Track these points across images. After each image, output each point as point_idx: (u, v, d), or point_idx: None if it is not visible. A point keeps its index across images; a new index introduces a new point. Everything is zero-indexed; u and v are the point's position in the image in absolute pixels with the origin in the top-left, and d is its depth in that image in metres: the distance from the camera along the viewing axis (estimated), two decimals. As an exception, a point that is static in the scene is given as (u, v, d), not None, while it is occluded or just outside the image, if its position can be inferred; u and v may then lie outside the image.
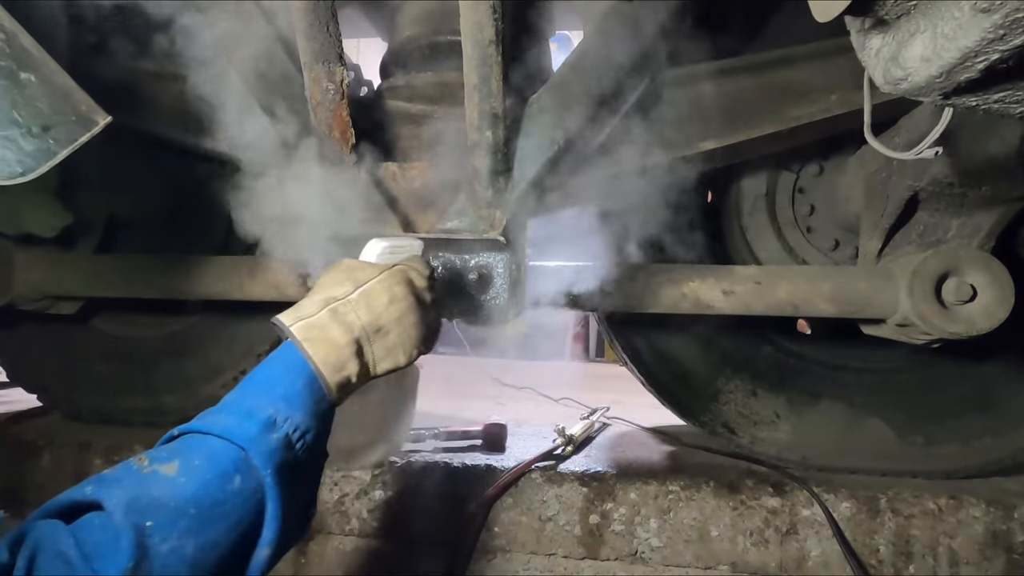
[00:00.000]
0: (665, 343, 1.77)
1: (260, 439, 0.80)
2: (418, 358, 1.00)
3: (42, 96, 0.92)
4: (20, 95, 0.91)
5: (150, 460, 0.77)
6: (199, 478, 0.75)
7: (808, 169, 1.72)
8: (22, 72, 0.91)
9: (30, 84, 0.91)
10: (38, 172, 0.92)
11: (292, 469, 0.82)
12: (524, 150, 1.24)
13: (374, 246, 1.02)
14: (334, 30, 1.10)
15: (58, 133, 0.92)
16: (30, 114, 0.91)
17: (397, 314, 0.94)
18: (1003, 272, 1.29)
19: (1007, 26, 0.54)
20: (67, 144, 0.93)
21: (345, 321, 0.90)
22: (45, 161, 0.92)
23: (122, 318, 2.10)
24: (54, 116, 0.92)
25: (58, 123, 0.93)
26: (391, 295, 0.93)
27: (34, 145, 0.91)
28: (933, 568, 1.41)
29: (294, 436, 0.83)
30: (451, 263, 1.32)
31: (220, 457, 0.78)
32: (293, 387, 0.85)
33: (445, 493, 1.53)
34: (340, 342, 0.89)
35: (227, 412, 0.83)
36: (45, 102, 0.92)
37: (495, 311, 1.33)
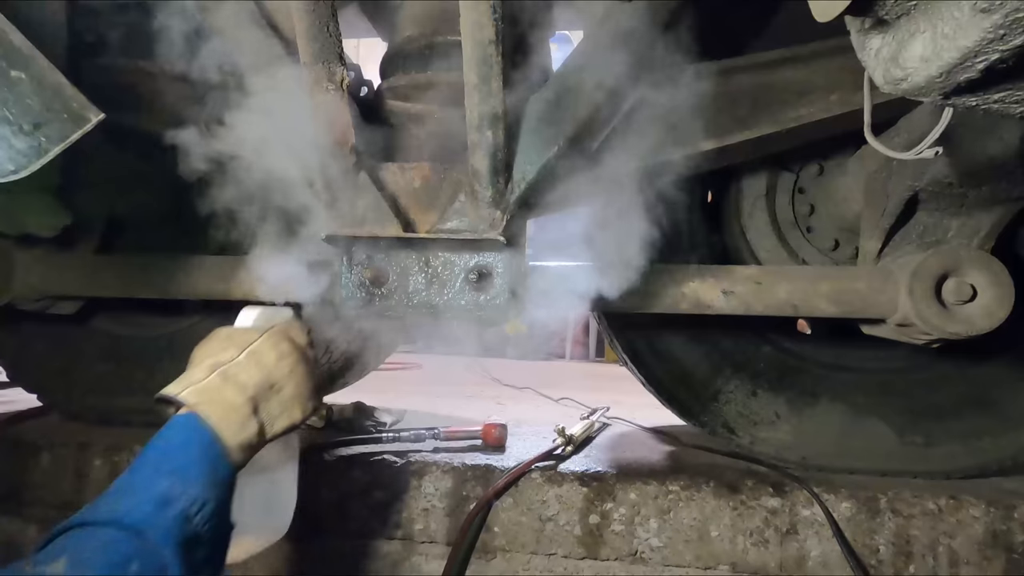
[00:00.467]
0: (665, 343, 1.77)
1: (156, 517, 0.76)
2: (313, 414, 0.97)
3: (33, 94, 0.92)
4: (10, 93, 0.90)
5: (34, 563, 0.71)
6: (91, 571, 0.70)
7: (808, 169, 1.72)
8: (12, 70, 0.90)
9: (20, 82, 0.91)
10: (30, 170, 0.91)
11: (194, 544, 0.78)
12: (524, 150, 1.24)
13: (248, 313, 1.05)
14: (334, 30, 1.10)
15: (49, 131, 0.92)
16: (21, 112, 0.90)
17: (288, 368, 0.94)
18: (1003, 272, 1.29)
19: (1007, 26, 0.54)
20: (59, 142, 0.92)
21: (238, 381, 0.89)
22: (37, 159, 0.91)
23: (122, 318, 2.10)
24: (45, 114, 0.92)
25: (49, 121, 0.92)
26: (279, 352, 0.94)
27: (25, 143, 0.90)
28: (933, 568, 1.41)
29: (192, 510, 0.79)
30: (451, 263, 1.32)
31: (112, 545, 0.73)
32: (188, 456, 0.82)
33: (445, 493, 1.53)
34: (236, 402, 0.87)
35: (117, 496, 0.79)
36: (36, 100, 0.92)
37: (495, 311, 1.33)
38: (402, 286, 1.34)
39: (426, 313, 1.34)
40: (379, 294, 1.33)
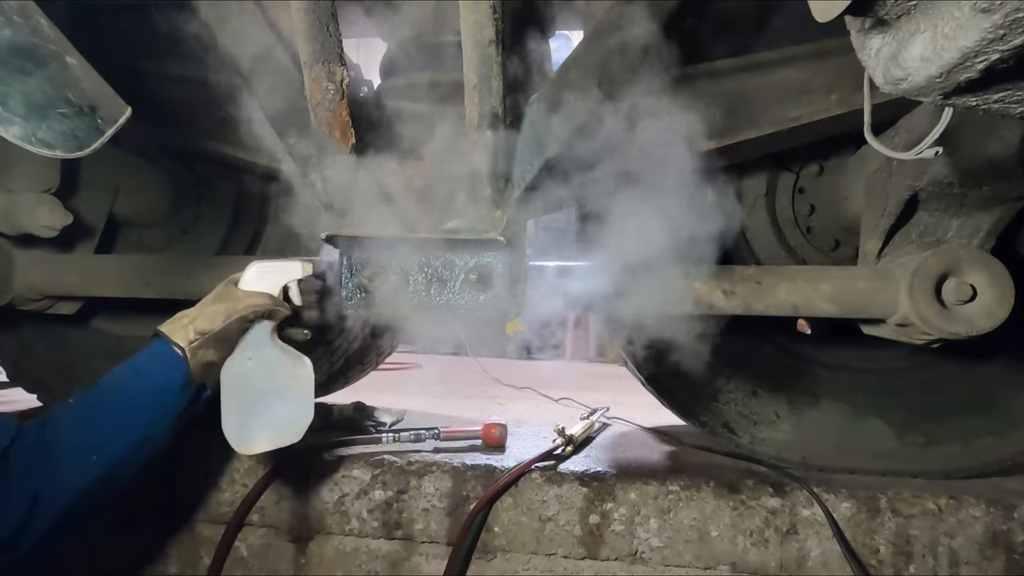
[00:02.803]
0: (665, 343, 1.77)
1: None
2: None
3: (85, 79, 1.00)
4: (70, 77, 0.98)
5: None
6: None
7: (808, 169, 1.72)
8: (67, 57, 0.98)
9: (75, 68, 0.99)
10: (93, 147, 0.99)
11: None
12: (524, 150, 1.24)
13: (250, 268, 1.28)
14: (334, 30, 1.10)
15: (103, 113, 1.00)
16: (79, 95, 0.98)
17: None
18: (1003, 272, 1.29)
19: (1007, 26, 0.54)
20: (112, 123, 1.01)
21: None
22: (97, 137, 0.99)
23: (122, 318, 2.11)
24: (97, 98, 1.00)
25: (101, 104, 1.01)
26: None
27: (86, 123, 0.98)
28: (933, 568, 1.41)
29: None
30: (451, 263, 1.32)
31: None
32: None
33: (445, 493, 1.53)
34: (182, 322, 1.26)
35: None
36: (88, 85, 1.00)
37: (495, 311, 1.33)
38: (402, 286, 1.34)
39: (426, 313, 1.34)
40: (379, 294, 1.33)
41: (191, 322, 1.21)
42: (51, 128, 0.94)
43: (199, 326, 1.21)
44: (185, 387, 1.19)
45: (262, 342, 1.26)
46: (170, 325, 1.22)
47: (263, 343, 1.26)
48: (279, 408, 1.26)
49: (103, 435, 1.13)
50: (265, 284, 1.27)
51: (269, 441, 1.27)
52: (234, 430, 1.25)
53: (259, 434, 1.26)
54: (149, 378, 1.18)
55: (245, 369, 1.25)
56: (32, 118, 0.93)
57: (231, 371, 1.25)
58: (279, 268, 1.29)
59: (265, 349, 1.26)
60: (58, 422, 1.13)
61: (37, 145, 0.93)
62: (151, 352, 1.20)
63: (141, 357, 1.20)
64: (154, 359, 1.19)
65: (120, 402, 1.17)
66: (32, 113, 0.93)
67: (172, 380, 1.18)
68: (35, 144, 0.93)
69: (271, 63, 1.31)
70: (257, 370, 1.25)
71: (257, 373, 1.25)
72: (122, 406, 1.16)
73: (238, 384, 1.25)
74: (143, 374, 1.19)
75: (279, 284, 1.28)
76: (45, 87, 0.94)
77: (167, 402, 1.18)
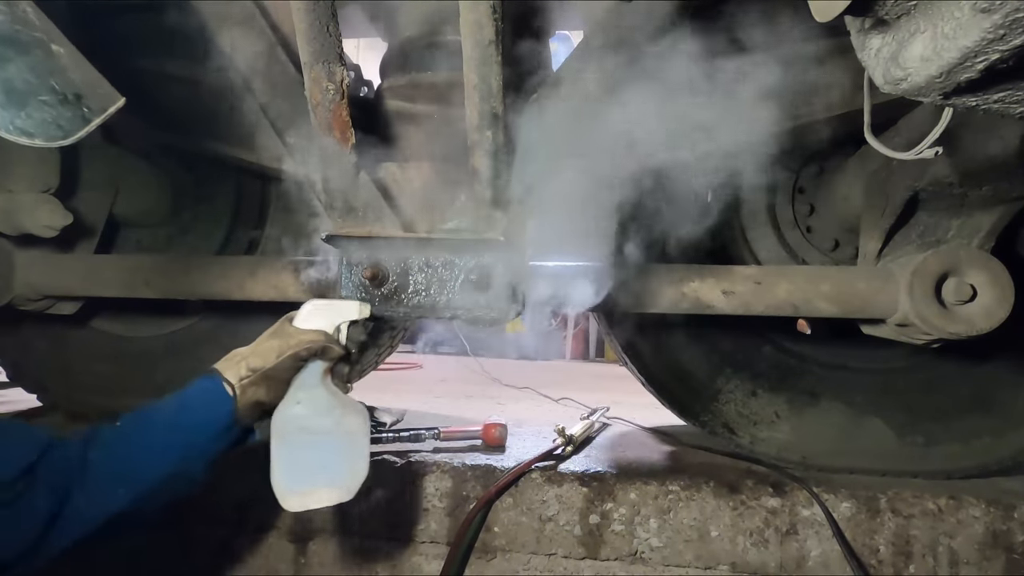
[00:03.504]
0: (665, 343, 1.77)
1: None
2: None
3: (72, 68, 0.97)
4: (55, 65, 0.95)
5: None
6: None
7: (808, 169, 1.72)
8: (53, 44, 0.96)
9: (61, 56, 0.96)
10: (77, 136, 0.95)
11: None
12: (524, 150, 1.24)
13: (306, 307, 1.22)
14: (334, 30, 1.10)
15: (90, 102, 0.97)
16: (64, 83, 0.95)
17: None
18: (1003, 272, 1.29)
19: (1007, 26, 0.54)
20: (99, 113, 0.97)
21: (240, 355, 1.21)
22: (82, 127, 0.96)
23: (122, 318, 2.11)
24: (84, 87, 0.97)
25: (88, 93, 0.97)
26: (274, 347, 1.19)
27: (71, 112, 0.95)
28: (933, 568, 1.41)
29: None
30: (452, 263, 1.32)
31: None
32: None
33: (445, 493, 1.53)
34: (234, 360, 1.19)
35: None
36: (75, 73, 0.97)
37: (495, 311, 1.33)
38: (402, 286, 1.34)
39: (426, 313, 1.34)
40: (379, 294, 1.33)
41: (243, 359, 1.16)
42: (31, 116, 0.91)
43: (251, 363, 1.15)
44: (231, 427, 1.13)
45: (314, 383, 1.18)
46: (224, 362, 1.17)
47: (314, 384, 1.18)
48: (331, 460, 1.16)
49: (137, 465, 1.08)
50: (320, 322, 1.21)
51: (318, 498, 1.15)
52: (282, 482, 1.14)
53: (309, 488, 1.15)
54: (194, 412, 1.12)
55: (294, 412, 1.16)
56: (11, 106, 0.90)
57: (280, 415, 1.16)
58: (335, 307, 1.23)
59: (316, 391, 1.18)
60: (106, 443, 1.08)
61: (15, 133, 0.90)
62: (200, 387, 1.14)
63: (190, 391, 1.14)
64: (202, 394, 1.13)
65: (160, 434, 1.11)
66: (11, 101, 0.90)
67: (218, 418, 1.12)
68: (13, 132, 0.90)
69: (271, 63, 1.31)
70: (307, 414, 1.16)
71: (307, 417, 1.16)
72: (161, 438, 1.10)
73: (287, 428, 1.15)
74: (188, 408, 1.13)
75: (334, 324, 1.22)
76: (26, 74, 0.91)
77: (208, 439, 1.12)
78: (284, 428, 1.15)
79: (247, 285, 1.55)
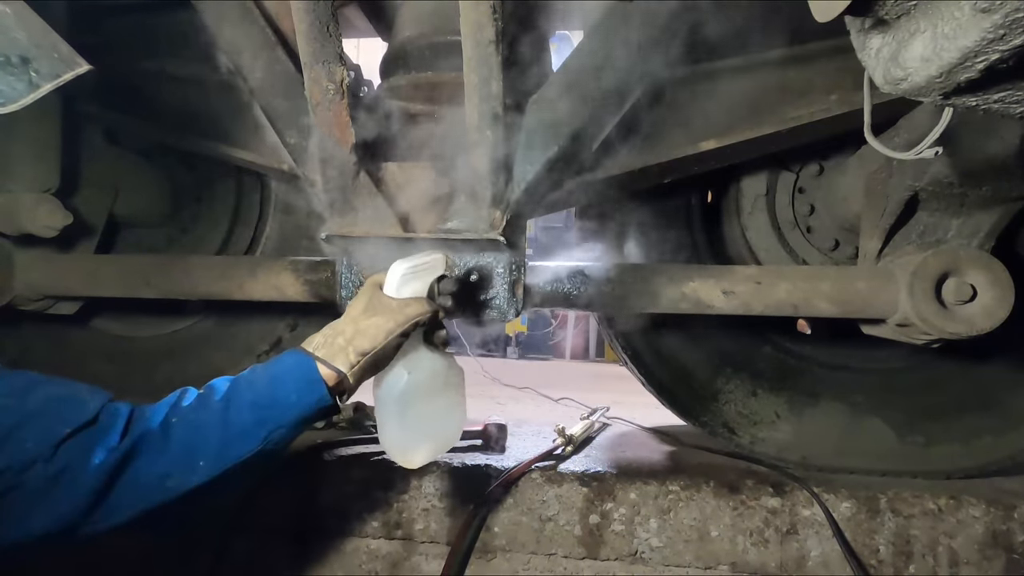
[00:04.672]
0: (665, 343, 1.77)
1: None
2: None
3: (18, 28, 0.88)
4: None
5: None
6: None
7: (808, 169, 1.72)
8: None
9: (5, 15, 0.88)
10: (20, 104, 0.87)
11: None
12: (524, 150, 1.24)
13: (394, 270, 1.12)
14: (334, 30, 1.10)
15: (40, 66, 0.88)
16: (7, 43, 0.87)
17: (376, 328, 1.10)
18: (1003, 272, 1.29)
19: (1007, 26, 0.54)
20: (51, 79, 0.89)
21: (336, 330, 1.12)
22: (28, 93, 0.87)
23: (122, 318, 2.11)
24: (33, 49, 0.88)
25: (39, 57, 0.89)
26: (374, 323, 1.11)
27: (15, 76, 0.87)
28: (933, 568, 1.41)
29: None
30: (451, 263, 1.32)
31: None
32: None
33: (445, 493, 1.53)
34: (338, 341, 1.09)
35: None
36: (22, 34, 0.88)
37: (495, 311, 1.33)
38: (402, 286, 1.34)
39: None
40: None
41: (349, 342, 1.06)
42: None
43: (359, 346, 1.06)
44: (324, 411, 1.06)
45: (418, 353, 1.15)
46: (326, 345, 1.07)
47: (419, 354, 1.15)
48: (438, 415, 1.19)
49: (221, 440, 1.00)
50: (417, 287, 1.13)
51: (432, 451, 1.21)
52: (397, 445, 1.17)
53: (422, 445, 1.19)
54: (287, 396, 1.03)
55: (403, 384, 1.13)
56: None
57: (390, 388, 1.14)
58: (426, 266, 1.15)
59: (421, 359, 1.15)
60: (192, 411, 1.01)
61: None
62: (296, 368, 1.05)
63: (285, 371, 1.05)
64: (297, 377, 1.04)
65: (249, 413, 1.02)
66: None
67: (309, 405, 1.04)
68: None
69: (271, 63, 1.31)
70: (415, 384, 1.14)
71: (415, 387, 1.14)
72: (249, 418, 1.02)
73: (398, 401, 1.14)
74: (282, 391, 1.03)
75: (427, 284, 1.15)
76: None
77: (294, 426, 1.04)
78: (394, 399, 1.14)
79: (247, 285, 1.55)
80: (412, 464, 1.20)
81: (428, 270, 1.15)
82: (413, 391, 1.14)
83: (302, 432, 1.08)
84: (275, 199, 2.04)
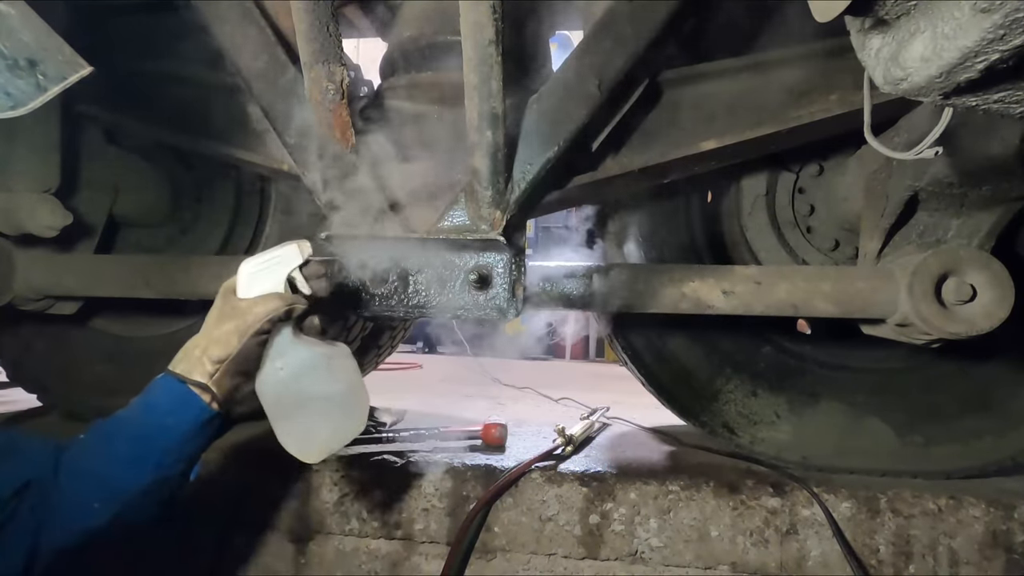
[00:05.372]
0: (665, 343, 1.77)
1: None
2: None
3: (24, 30, 0.88)
4: (2, 26, 0.86)
5: None
6: None
7: (808, 169, 1.72)
8: (1, 3, 0.87)
9: (10, 17, 0.87)
10: (29, 107, 0.87)
11: None
12: (524, 150, 1.24)
13: (242, 268, 1.12)
14: (334, 30, 1.10)
15: (47, 69, 0.88)
16: (15, 46, 0.86)
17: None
18: (1003, 272, 1.29)
19: (1007, 26, 0.54)
20: (57, 81, 0.89)
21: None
22: (37, 96, 0.87)
23: (122, 318, 2.11)
24: (40, 52, 0.88)
25: (46, 59, 0.88)
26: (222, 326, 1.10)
27: (23, 79, 0.87)
28: (933, 568, 1.41)
29: None
30: (452, 263, 1.32)
31: None
32: None
33: (445, 493, 1.53)
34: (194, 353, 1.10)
35: None
36: (29, 36, 0.88)
37: (495, 311, 1.33)
38: (402, 286, 1.34)
39: (426, 313, 1.34)
40: (379, 294, 1.33)
41: (204, 352, 1.06)
42: None
43: (213, 354, 1.06)
44: (209, 422, 1.06)
45: (287, 346, 1.12)
46: (184, 361, 1.07)
47: (289, 347, 1.12)
48: (332, 404, 1.14)
49: (108, 479, 1.02)
50: (267, 283, 1.10)
51: (329, 442, 1.15)
52: (294, 443, 1.13)
53: (322, 438, 1.14)
54: (162, 418, 1.05)
55: (279, 380, 1.12)
56: None
57: (266, 386, 1.12)
58: (275, 260, 1.12)
59: (294, 352, 1.12)
60: (73, 460, 1.03)
61: None
62: (164, 391, 1.06)
63: (154, 397, 1.06)
64: (167, 398, 1.05)
65: (129, 446, 1.04)
66: None
67: (189, 419, 1.04)
68: None
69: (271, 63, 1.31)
70: (293, 377, 1.12)
71: (295, 380, 1.12)
72: (131, 450, 1.03)
73: (279, 398, 1.12)
74: (155, 415, 1.05)
75: (282, 278, 1.11)
76: None
77: (183, 442, 1.05)
78: (274, 396, 1.13)
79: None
80: (311, 458, 1.15)
81: (279, 264, 1.11)
82: (292, 384, 1.12)
83: (202, 447, 1.09)
84: (275, 199, 2.04)
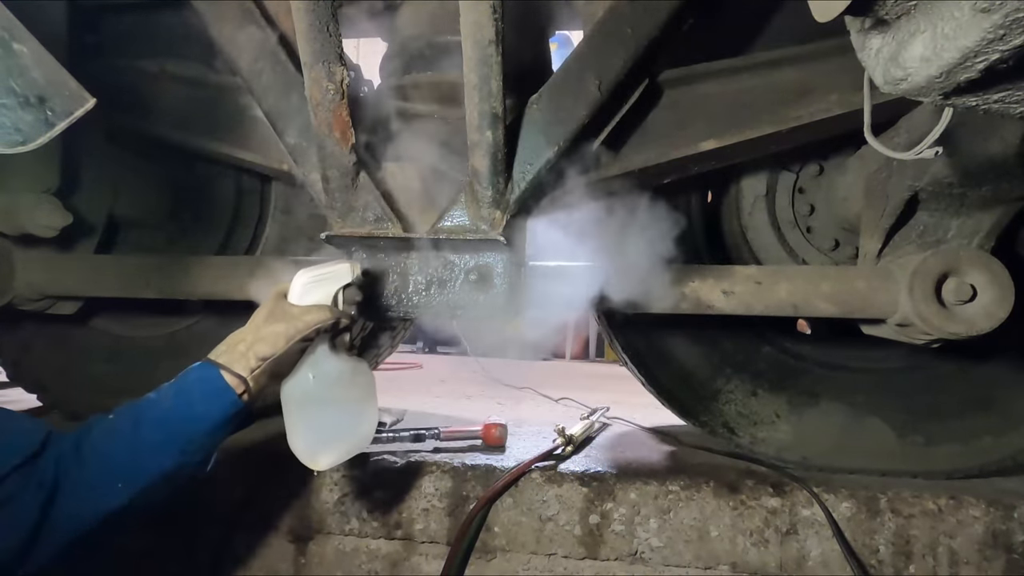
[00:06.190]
0: (665, 343, 1.77)
1: None
2: None
3: (36, 67, 0.90)
4: (15, 64, 0.89)
5: None
6: None
7: (808, 169, 1.72)
8: (15, 43, 0.89)
9: (23, 55, 0.90)
10: (39, 143, 0.90)
11: None
12: (524, 150, 1.24)
13: (297, 280, 1.17)
14: (334, 30, 1.10)
15: (55, 105, 0.91)
16: (26, 84, 0.89)
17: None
18: (1003, 272, 1.29)
19: (1007, 26, 0.54)
20: (65, 117, 0.92)
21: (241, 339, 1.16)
22: (45, 132, 0.91)
23: (122, 318, 2.11)
24: (49, 88, 0.91)
25: (53, 95, 0.91)
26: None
27: (32, 115, 0.90)
28: (933, 568, 1.41)
29: None
30: (452, 263, 1.32)
31: None
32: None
33: (445, 493, 1.53)
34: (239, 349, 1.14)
35: None
36: (39, 73, 0.91)
37: (495, 311, 1.33)
38: (402, 286, 1.34)
39: (426, 313, 1.34)
40: (379, 294, 1.33)
41: (249, 348, 1.10)
42: None
43: (259, 351, 1.10)
44: (236, 416, 1.10)
45: (322, 356, 1.19)
46: (228, 352, 1.11)
47: (323, 357, 1.19)
48: (346, 417, 1.22)
49: (135, 461, 1.03)
50: (318, 294, 1.17)
51: (338, 453, 1.21)
52: (304, 448, 1.18)
53: (330, 447, 1.20)
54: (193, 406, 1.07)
55: (308, 386, 1.18)
56: None
57: (294, 390, 1.18)
58: (329, 275, 1.19)
59: (326, 363, 1.19)
60: (100, 439, 1.04)
61: None
62: (199, 378, 1.09)
63: (188, 383, 1.09)
64: (202, 387, 1.08)
65: (157, 429, 1.06)
66: None
67: (220, 410, 1.08)
68: None
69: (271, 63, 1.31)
70: (320, 386, 1.19)
71: (321, 389, 1.19)
72: (159, 434, 1.05)
73: (303, 402, 1.18)
74: (187, 402, 1.07)
75: (332, 293, 1.18)
76: None
77: (209, 432, 1.08)
78: (299, 400, 1.18)
79: (247, 285, 1.55)
80: (318, 466, 1.20)
81: (331, 279, 1.18)
82: (317, 393, 1.18)
83: (223, 439, 1.12)
84: (275, 199, 2.04)
